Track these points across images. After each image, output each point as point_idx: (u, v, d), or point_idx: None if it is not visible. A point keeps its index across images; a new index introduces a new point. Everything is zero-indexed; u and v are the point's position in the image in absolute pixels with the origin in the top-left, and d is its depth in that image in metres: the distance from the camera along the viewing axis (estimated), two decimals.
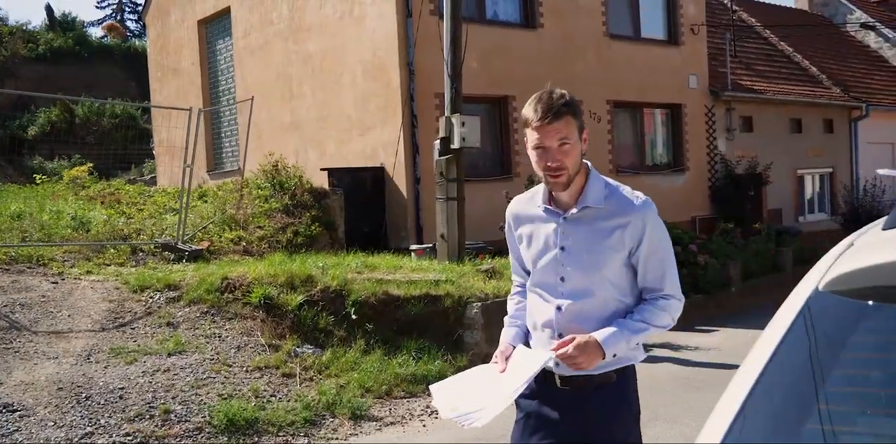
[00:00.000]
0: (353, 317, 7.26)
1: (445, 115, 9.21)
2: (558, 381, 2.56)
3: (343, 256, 9.19)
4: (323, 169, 11.70)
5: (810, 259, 13.89)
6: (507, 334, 2.74)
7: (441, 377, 6.81)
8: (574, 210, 2.56)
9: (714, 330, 10.24)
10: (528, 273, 2.73)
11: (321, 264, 8.16)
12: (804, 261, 14.38)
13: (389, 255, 9.63)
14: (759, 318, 10.29)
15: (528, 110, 2.49)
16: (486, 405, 2.45)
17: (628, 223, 2.51)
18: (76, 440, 5.12)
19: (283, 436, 5.60)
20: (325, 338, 7.12)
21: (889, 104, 20.62)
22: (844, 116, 19.75)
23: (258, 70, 14.42)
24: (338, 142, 12.68)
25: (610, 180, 2.63)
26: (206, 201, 11.70)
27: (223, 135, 15.96)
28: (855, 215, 18.47)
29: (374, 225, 11.61)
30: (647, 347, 9.19)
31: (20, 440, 5.02)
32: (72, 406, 5.49)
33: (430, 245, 10.04)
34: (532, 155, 2.52)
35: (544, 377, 2.57)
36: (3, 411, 5.30)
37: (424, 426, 6.03)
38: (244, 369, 6.46)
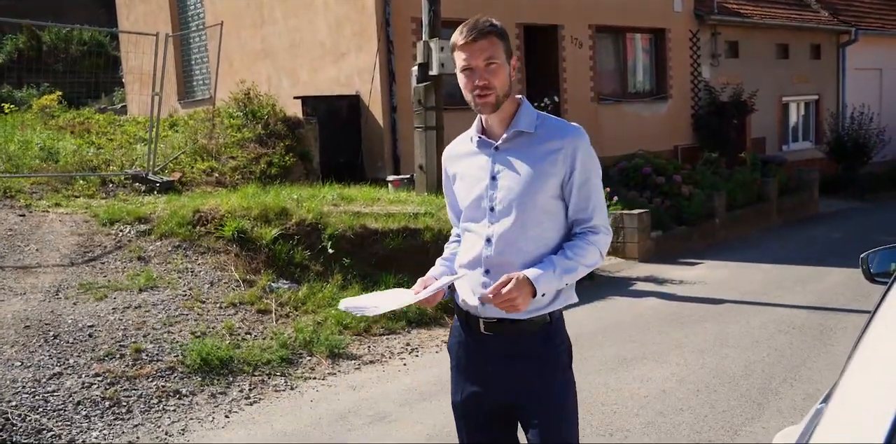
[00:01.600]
0: (330, 251, 7.10)
1: (423, 39, 8.86)
2: (482, 326, 2.47)
3: (318, 187, 8.98)
4: (296, 97, 11.36)
5: (795, 189, 13.94)
6: (434, 270, 2.69)
7: (421, 312, 6.74)
8: (506, 136, 2.49)
9: (698, 263, 10.22)
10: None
11: (296, 197, 7.95)
12: (788, 191, 14.38)
13: (366, 186, 9.44)
14: (743, 250, 10.36)
15: (455, 35, 2.46)
16: (381, 304, 2.51)
17: (561, 148, 2.44)
18: (44, 380, 4.98)
19: (259, 376, 5.49)
20: (300, 273, 6.98)
21: (878, 28, 20.25)
22: (832, 41, 19.40)
23: None
24: (311, 69, 12.27)
25: (542, 112, 2.57)
26: (177, 131, 11.36)
27: (193, 62, 15.44)
28: (840, 144, 18.37)
29: (350, 155, 11.35)
30: (630, 280, 9.27)
31: None
32: (39, 345, 5.34)
33: (408, 176, 9.82)
34: (460, 78, 2.46)
35: (468, 322, 2.52)
36: None
37: (405, 364, 5.95)
38: (218, 305, 6.31)
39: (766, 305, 7.69)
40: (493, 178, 2.49)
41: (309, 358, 5.86)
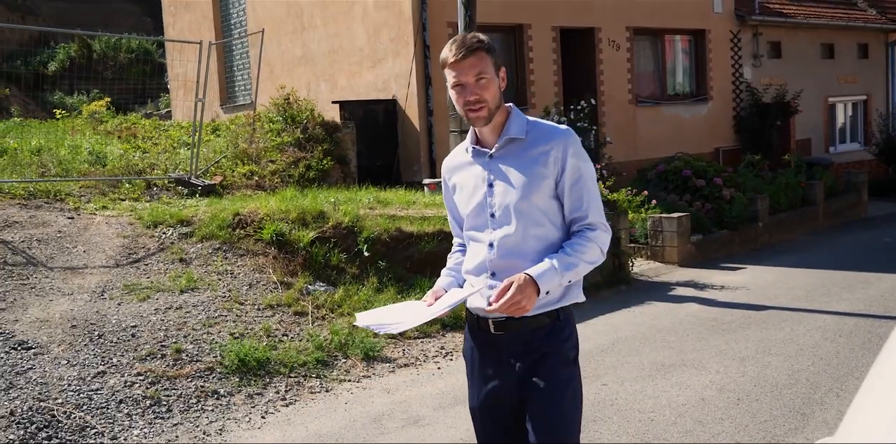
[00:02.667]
0: (366, 254, 7.19)
1: None
2: (492, 327, 2.56)
3: (355, 190, 9.08)
4: (334, 102, 11.49)
5: (843, 192, 13.55)
6: (441, 281, 2.75)
7: (455, 316, 6.79)
8: (498, 144, 2.58)
9: (740, 268, 10.02)
10: (462, 228, 2.73)
11: (333, 200, 8.06)
12: (836, 194, 14.08)
13: (402, 189, 9.51)
14: (787, 255, 10.10)
15: (445, 51, 2.55)
16: (403, 320, 2.55)
17: (551, 149, 2.53)
18: (88, 379, 5.14)
19: (295, 377, 5.60)
20: (337, 275, 7.08)
21: None
22: (880, 39, 19.03)
23: (269, 3, 14.07)
24: (349, 74, 12.42)
25: (532, 118, 2.66)
26: (219, 136, 11.59)
27: (235, 68, 15.70)
28: (890, 145, 17.98)
29: (387, 159, 11.45)
30: (669, 285, 9.18)
31: (34, 378, 5.04)
32: (85, 344, 5.50)
33: None
34: (452, 94, 2.56)
35: (479, 325, 2.60)
36: (19, 348, 5.33)
37: (439, 368, 5.99)
38: (256, 307, 6.44)
39: (812, 311, 7.49)
40: (490, 185, 2.59)
41: (344, 361, 5.95)
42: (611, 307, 7.84)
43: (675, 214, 10.39)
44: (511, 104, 2.66)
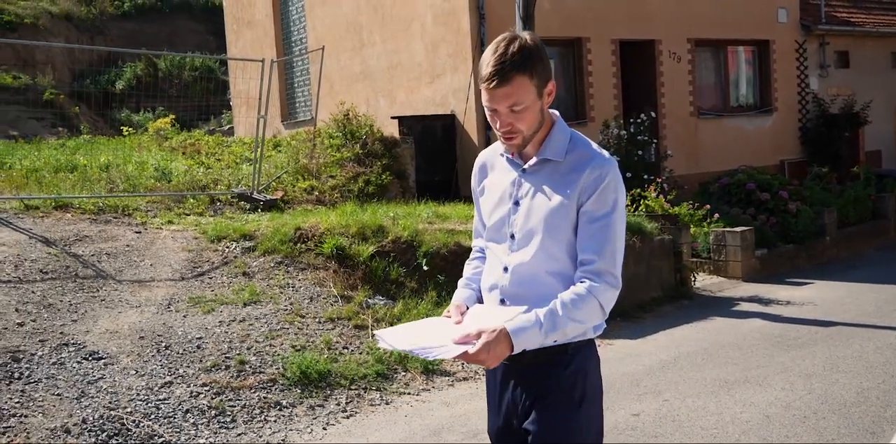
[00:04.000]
0: (425, 268, 7.22)
1: None
2: None
3: (414, 205, 9.14)
4: (393, 117, 11.60)
5: None
6: (461, 294, 2.53)
7: None
8: (532, 162, 2.36)
9: (807, 283, 9.80)
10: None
11: (392, 215, 8.12)
12: None
13: (461, 204, 9.53)
14: (856, 270, 9.87)
15: (482, 63, 2.25)
16: (446, 344, 2.23)
17: (585, 178, 2.27)
18: (156, 388, 5.25)
19: (355, 389, 5.64)
20: (396, 289, 7.12)
21: None
22: None
23: (329, 19, 14.31)
24: (408, 90, 12.53)
25: (578, 134, 2.39)
26: (279, 151, 11.79)
27: (296, 85, 15.98)
28: None
29: (445, 173, 11.50)
30: (733, 300, 9.04)
31: (104, 387, 5.17)
32: (152, 355, 5.63)
33: None
34: (486, 111, 2.32)
35: None
36: (90, 358, 5.47)
37: None
38: (317, 320, 6.51)
39: (882, 328, 7.28)
40: (517, 203, 2.38)
41: (404, 374, 5.97)
42: (673, 323, 7.74)
43: (739, 228, 10.22)
44: (556, 114, 2.39)
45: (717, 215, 10.46)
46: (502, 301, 2.37)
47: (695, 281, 9.35)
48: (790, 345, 6.82)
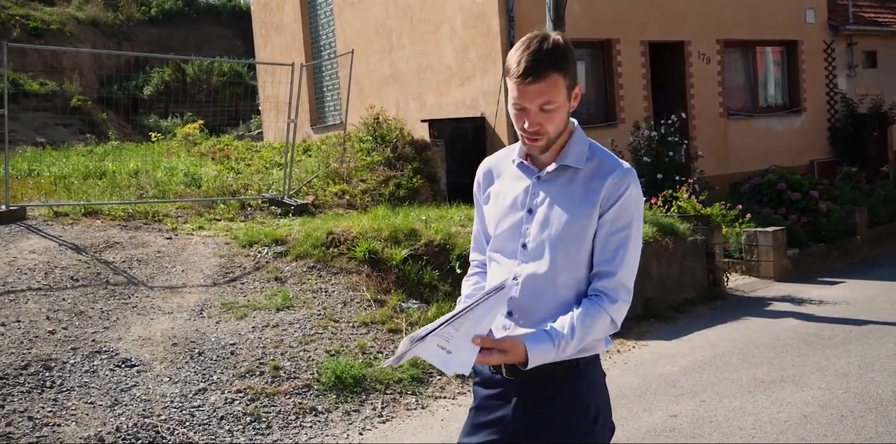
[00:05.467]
0: (458, 271, 7.19)
1: None
2: (504, 370, 2.26)
3: (446, 208, 9.12)
4: (423, 120, 11.59)
5: None
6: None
7: None
8: (550, 168, 2.26)
9: (839, 282, 9.71)
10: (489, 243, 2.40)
11: (424, 218, 8.10)
12: None
13: None
14: (888, 268, 9.77)
15: (511, 59, 2.15)
16: (463, 357, 2.13)
17: (604, 187, 2.20)
18: (190, 395, 5.26)
19: (391, 394, 5.62)
20: (429, 293, 7.10)
21: None
22: None
23: (358, 23, 14.33)
24: (437, 93, 12.52)
25: (596, 143, 2.32)
26: (310, 156, 11.82)
27: (325, 89, 16.03)
28: None
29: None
30: (766, 299, 8.94)
31: (138, 394, 5.19)
32: (186, 362, 5.64)
33: None
34: (510, 110, 2.21)
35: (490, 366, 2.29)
36: (123, 366, 5.49)
37: None
38: (350, 324, 6.50)
39: None
40: (530, 211, 2.27)
41: (439, 378, 5.94)
42: (707, 323, 7.68)
43: (771, 228, 10.13)
44: (574, 121, 2.31)
45: (748, 216, 10.37)
46: (509, 313, 2.27)
47: (727, 281, 9.28)
48: (824, 344, 6.76)
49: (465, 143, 11.39)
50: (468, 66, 11.83)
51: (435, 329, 2.10)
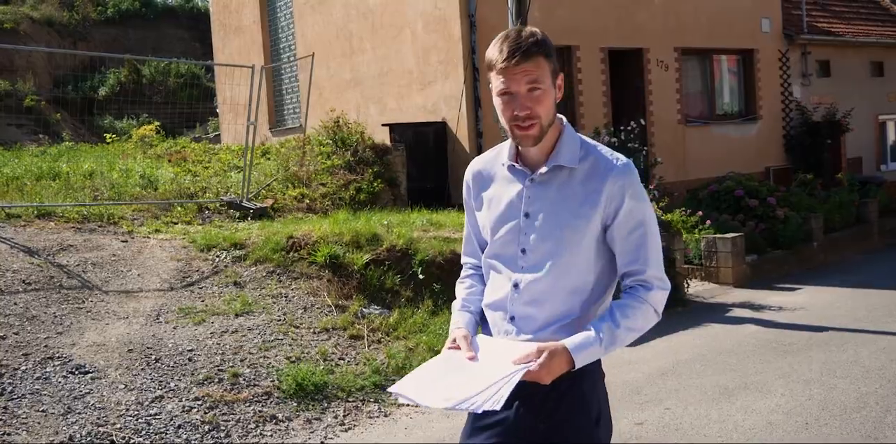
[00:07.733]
0: (420, 277, 7.14)
1: None
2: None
3: (407, 213, 9.07)
4: (384, 125, 11.54)
5: None
6: (461, 318, 2.33)
7: None
8: (543, 169, 2.21)
9: (797, 288, 9.85)
10: (483, 249, 2.37)
11: (386, 222, 8.04)
12: (890, 212, 13.81)
13: (454, 212, 9.47)
14: (844, 274, 9.92)
15: (493, 51, 2.13)
16: (487, 386, 2.05)
17: (605, 188, 2.16)
18: (146, 403, 5.13)
19: (353, 401, 5.53)
20: (391, 298, 7.03)
21: None
22: None
23: (318, 26, 14.23)
24: (399, 97, 12.46)
25: (587, 139, 2.28)
26: (269, 159, 11.67)
27: (284, 92, 15.88)
28: None
29: (437, 181, 11.42)
30: (726, 306, 9.01)
31: (92, 402, 5.04)
32: (142, 369, 5.50)
33: None
34: (497, 103, 2.17)
35: None
36: (76, 373, 5.33)
37: None
38: (311, 330, 6.40)
39: (875, 333, 7.30)
40: (526, 215, 2.23)
41: None
42: (668, 330, 7.69)
43: (730, 235, 10.25)
44: (563, 118, 2.26)
45: (708, 222, 10.49)
46: (511, 319, 2.23)
47: (688, 288, 9.36)
48: (786, 351, 6.82)
49: (426, 147, 11.35)
50: (429, 70, 11.79)
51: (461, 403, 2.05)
